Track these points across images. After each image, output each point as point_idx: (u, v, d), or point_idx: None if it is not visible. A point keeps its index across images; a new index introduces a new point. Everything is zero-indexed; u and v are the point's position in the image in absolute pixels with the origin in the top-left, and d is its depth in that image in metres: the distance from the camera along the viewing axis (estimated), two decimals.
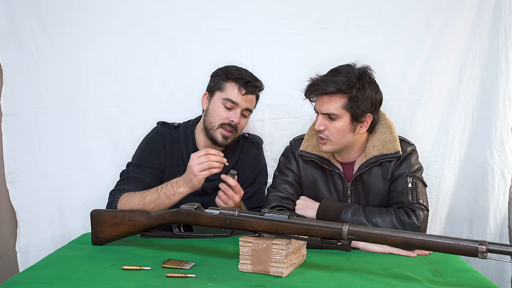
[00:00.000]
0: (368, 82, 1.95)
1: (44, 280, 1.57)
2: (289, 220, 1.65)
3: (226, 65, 2.19)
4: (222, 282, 1.54)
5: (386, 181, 2.00)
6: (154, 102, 2.49)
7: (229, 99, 2.09)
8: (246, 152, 2.26)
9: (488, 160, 2.44)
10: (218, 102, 2.11)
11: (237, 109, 2.10)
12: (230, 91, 2.10)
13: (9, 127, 2.47)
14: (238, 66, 2.18)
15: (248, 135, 2.33)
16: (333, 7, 2.44)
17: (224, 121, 2.09)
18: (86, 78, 2.48)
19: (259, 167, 2.28)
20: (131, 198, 2.02)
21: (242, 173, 2.20)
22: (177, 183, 1.97)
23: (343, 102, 1.92)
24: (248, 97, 2.12)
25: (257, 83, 2.13)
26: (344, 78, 1.92)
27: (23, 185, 2.48)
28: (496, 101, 2.43)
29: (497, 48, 2.41)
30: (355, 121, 1.94)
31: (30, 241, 2.49)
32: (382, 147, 2.00)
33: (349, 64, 1.99)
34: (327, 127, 1.95)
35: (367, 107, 1.94)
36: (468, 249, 1.48)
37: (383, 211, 1.92)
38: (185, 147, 2.17)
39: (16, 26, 2.44)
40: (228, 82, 2.11)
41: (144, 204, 1.98)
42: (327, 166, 2.04)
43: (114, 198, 2.06)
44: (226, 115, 2.10)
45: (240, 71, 2.14)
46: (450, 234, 2.42)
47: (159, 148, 2.17)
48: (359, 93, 1.92)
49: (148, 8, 2.46)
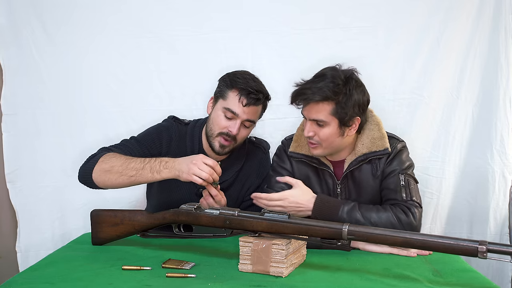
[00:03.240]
0: (355, 86, 1.92)
1: (44, 280, 1.57)
2: (289, 220, 1.65)
3: (236, 71, 2.11)
4: (222, 282, 1.54)
5: (376, 178, 2.00)
6: (154, 102, 2.50)
7: (230, 109, 2.03)
8: (252, 156, 2.22)
9: (488, 160, 2.44)
10: (219, 110, 2.05)
11: (237, 120, 2.03)
12: (231, 101, 2.03)
13: (9, 127, 2.47)
14: (247, 74, 2.09)
15: (255, 139, 2.29)
16: (333, 7, 2.45)
17: (223, 131, 2.04)
18: (86, 78, 2.48)
19: (264, 174, 2.21)
20: (116, 157, 1.96)
21: (246, 178, 2.19)
22: (166, 164, 1.90)
23: (331, 108, 1.90)
24: (250, 109, 2.03)
25: (260, 95, 2.03)
26: (330, 84, 1.88)
27: (23, 185, 2.49)
28: (496, 101, 2.43)
29: (497, 48, 2.41)
30: (344, 126, 1.93)
31: (30, 241, 2.49)
32: (371, 144, 1.99)
33: (334, 67, 1.95)
34: (316, 133, 1.94)
35: (354, 111, 1.92)
36: (468, 249, 1.48)
37: (380, 208, 1.92)
38: (191, 145, 2.15)
39: (17, 26, 2.45)
40: (231, 90, 2.04)
41: (126, 168, 1.92)
42: (318, 165, 2.05)
43: (100, 152, 2.02)
44: (225, 124, 2.04)
45: (246, 80, 2.04)
46: (450, 234, 2.42)
47: (163, 139, 2.13)
48: (346, 98, 1.89)
49: (148, 8, 2.46)
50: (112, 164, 1.94)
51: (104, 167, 1.96)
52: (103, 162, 1.97)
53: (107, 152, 2.02)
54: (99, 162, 1.97)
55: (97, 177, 1.97)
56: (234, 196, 2.13)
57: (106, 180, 1.96)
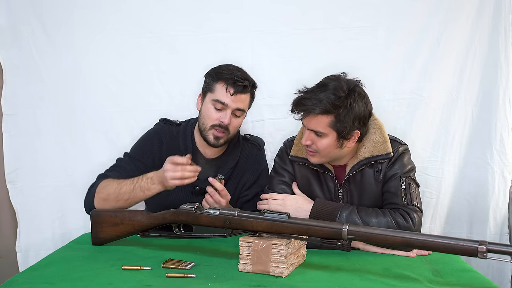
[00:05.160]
0: (357, 99, 1.89)
1: (44, 280, 1.57)
2: (289, 220, 1.65)
3: (220, 64, 2.16)
4: (222, 282, 1.54)
5: (378, 182, 1.99)
6: (154, 102, 2.49)
7: (218, 100, 2.07)
8: (247, 153, 2.25)
9: (488, 160, 2.44)
10: (209, 103, 2.10)
11: (227, 110, 2.07)
12: (219, 92, 2.08)
13: (9, 127, 2.47)
14: (231, 65, 2.14)
15: (250, 136, 2.32)
16: (333, 7, 2.44)
17: (215, 122, 2.08)
18: (86, 78, 2.48)
19: (259, 170, 2.25)
20: (110, 184, 2.04)
21: (241, 175, 2.20)
22: (152, 180, 1.97)
23: (329, 121, 1.88)
24: (238, 97, 2.07)
25: (245, 82, 2.07)
26: (332, 96, 1.86)
27: (23, 185, 2.48)
28: (496, 101, 2.42)
29: (497, 48, 2.41)
30: (342, 139, 1.91)
31: (30, 241, 2.49)
32: (373, 148, 1.98)
33: (338, 76, 1.93)
34: (314, 142, 1.93)
35: (354, 125, 1.89)
36: (468, 249, 1.48)
37: (379, 212, 1.91)
38: (184, 145, 2.17)
39: (17, 26, 2.44)
40: (217, 83, 2.09)
41: (120, 194, 1.99)
42: (319, 169, 2.04)
43: (97, 181, 2.09)
44: (216, 116, 2.08)
45: (230, 70, 2.10)
46: (450, 234, 2.42)
47: (153, 145, 2.18)
48: (346, 112, 1.87)
49: (148, 8, 2.46)
50: (107, 193, 2.02)
51: (102, 197, 2.03)
52: (100, 192, 2.04)
53: (103, 179, 2.09)
54: (97, 193, 2.04)
55: (100, 207, 2.03)
56: (230, 192, 2.14)
57: (109, 207, 2.02)
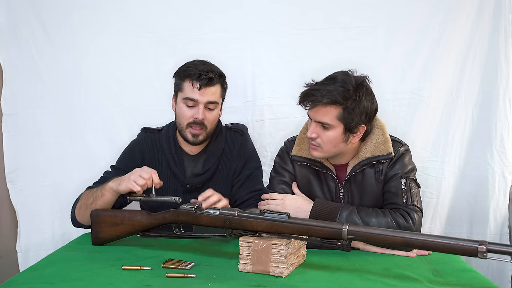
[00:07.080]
0: (365, 93, 1.92)
1: (44, 280, 1.57)
2: (289, 220, 1.65)
3: (186, 62, 2.15)
4: (222, 282, 1.54)
5: (379, 182, 1.99)
6: (154, 102, 2.49)
7: (188, 98, 2.08)
8: (231, 142, 2.23)
9: (488, 160, 2.44)
10: (181, 103, 2.11)
11: (198, 106, 2.08)
12: (187, 90, 2.08)
13: (9, 127, 2.48)
14: (197, 60, 2.13)
15: (232, 125, 2.30)
16: (333, 7, 2.44)
17: (190, 120, 2.09)
18: (86, 78, 2.48)
19: (246, 155, 2.22)
20: (85, 193, 2.08)
21: (230, 162, 2.20)
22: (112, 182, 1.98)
23: (338, 112, 1.89)
24: (207, 90, 2.07)
25: (211, 74, 2.06)
26: (340, 88, 1.88)
27: (23, 185, 2.49)
28: (496, 101, 2.42)
29: (497, 48, 2.41)
30: (348, 132, 1.92)
31: (30, 241, 2.49)
32: (374, 148, 1.98)
33: (346, 72, 1.95)
34: (319, 135, 1.93)
35: (361, 119, 1.91)
36: (468, 249, 1.48)
37: (379, 212, 1.91)
38: (168, 148, 2.19)
39: (16, 26, 2.45)
40: (184, 81, 2.10)
41: (87, 198, 2.04)
42: (320, 168, 2.04)
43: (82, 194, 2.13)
44: (190, 113, 2.09)
45: (195, 65, 2.10)
46: (450, 234, 2.42)
47: (135, 155, 2.21)
48: (354, 104, 1.89)
49: (148, 8, 2.46)
50: (83, 202, 2.06)
51: (79, 207, 2.08)
52: (78, 204, 2.09)
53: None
54: (76, 207, 2.09)
55: (80, 219, 2.08)
56: (223, 181, 2.16)
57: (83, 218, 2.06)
